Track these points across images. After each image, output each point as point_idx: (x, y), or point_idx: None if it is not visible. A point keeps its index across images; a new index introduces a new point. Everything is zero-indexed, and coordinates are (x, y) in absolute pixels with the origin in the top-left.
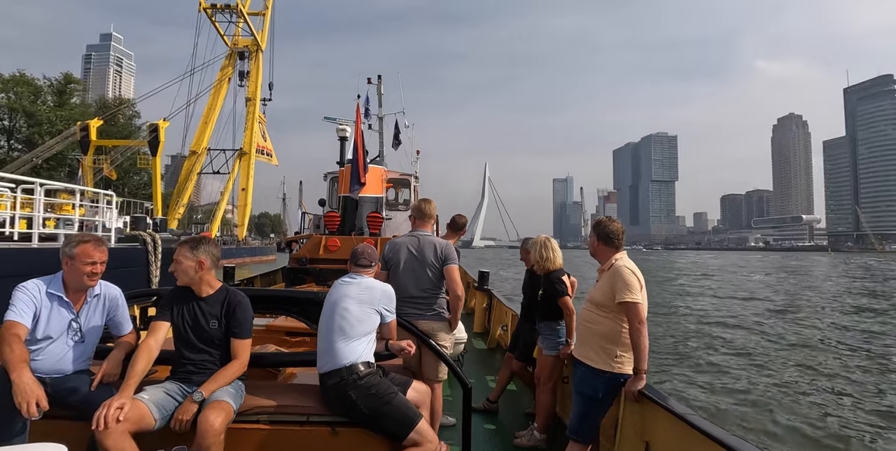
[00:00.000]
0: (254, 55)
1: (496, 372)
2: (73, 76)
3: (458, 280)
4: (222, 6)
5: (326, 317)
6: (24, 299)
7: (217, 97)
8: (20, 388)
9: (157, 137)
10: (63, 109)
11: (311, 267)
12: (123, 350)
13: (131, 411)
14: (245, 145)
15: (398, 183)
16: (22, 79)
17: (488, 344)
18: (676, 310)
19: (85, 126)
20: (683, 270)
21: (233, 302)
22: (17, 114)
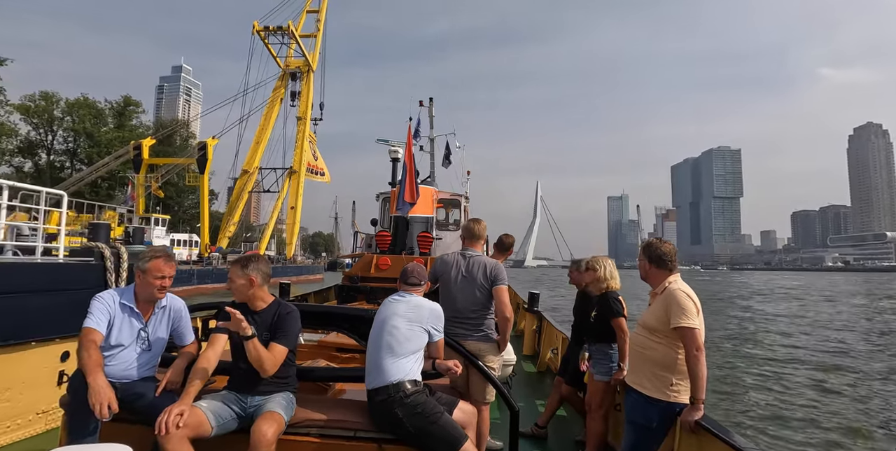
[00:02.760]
0: (305, 75)
1: (545, 396)
2: (132, 99)
3: (507, 301)
4: (275, 28)
5: (375, 334)
6: (100, 308)
7: (269, 117)
8: (95, 390)
9: (205, 155)
10: (122, 131)
11: (363, 285)
12: (186, 360)
13: (190, 417)
14: (295, 164)
15: (448, 203)
16: (84, 102)
17: (538, 367)
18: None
19: (138, 145)
20: (758, 291)
21: (282, 313)
22: (80, 135)
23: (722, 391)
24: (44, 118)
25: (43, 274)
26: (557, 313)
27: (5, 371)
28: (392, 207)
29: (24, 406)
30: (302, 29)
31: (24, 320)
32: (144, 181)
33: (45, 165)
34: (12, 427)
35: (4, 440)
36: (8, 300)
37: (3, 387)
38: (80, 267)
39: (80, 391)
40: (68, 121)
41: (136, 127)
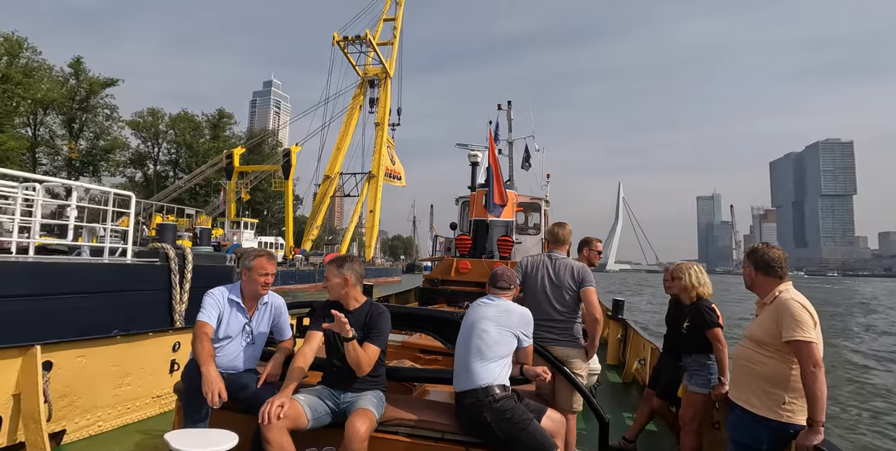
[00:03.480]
0: (382, 82)
1: (632, 409)
2: (225, 111)
3: (597, 303)
4: (353, 38)
5: (464, 337)
6: (211, 303)
7: (349, 124)
8: (207, 380)
9: (289, 161)
10: (217, 141)
11: (443, 288)
12: (283, 354)
13: (290, 410)
14: (373, 169)
15: (528, 207)
16: (185, 116)
17: (623, 378)
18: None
19: (230, 154)
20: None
21: (374, 313)
22: (181, 147)
23: (844, 413)
24: (151, 132)
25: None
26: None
27: (127, 358)
28: (472, 211)
29: (141, 391)
30: (379, 37)
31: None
32: (235, 187)
33: (153, 175)
34: (132, 408)
35: (126, 420)
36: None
37: (124, 372)
38: (147, 268)
39: (195, 379)
40: (171, 134)
41: (229, 137)
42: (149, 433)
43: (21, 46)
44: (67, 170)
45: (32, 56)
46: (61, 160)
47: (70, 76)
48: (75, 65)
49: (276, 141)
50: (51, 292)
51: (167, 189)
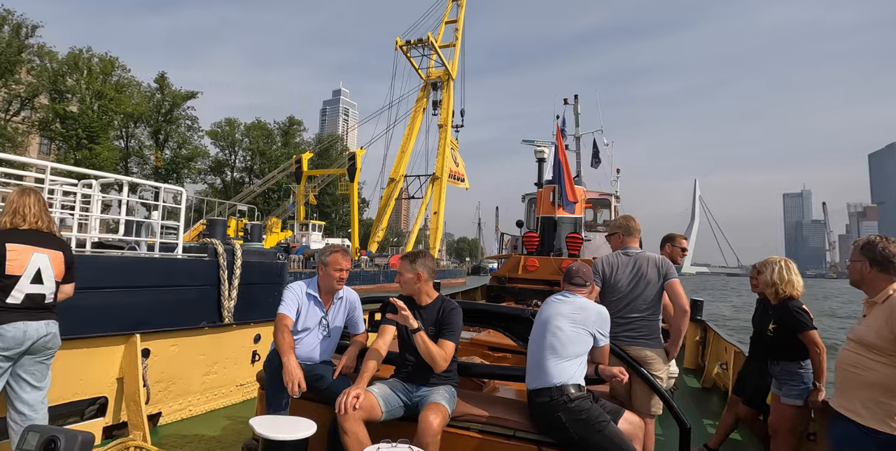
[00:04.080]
0: (445, 84)
1: (713, 416)
2: (295, 118)
3: (683, 294)
4: (415, 41)
5: (537, 334)
6: (291, 296)
7: (413, 127)
8: (288, 370)
9: (354, 164)
10: (287, 148)
11: (511, 286)
12: (357, 347)
13: (365, 401)
14: (437, 170)
15: (597, 203)
16: (258, 125)
17: (702, 383)
18: None
19: (299, 159)
20: None
21: (447, 309)
22: (255, 154)
23: None
24: (228, 141)
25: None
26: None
27: (215, 348)
28: (539, 208)
29: (226, 379)
30: (441, 40)
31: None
32: (304, 191)
33: (230, 181)
34: (218, 395)
35: (213, 406)
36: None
37: (211, 361)
38: (195, 263)
39: (277, 369)
40: (246, 142)
41: (299, 144)
42: (233, 418)
43: (113, 65)
44: (154, 177)
45: (122, 73)
46: (149, 169)
47: (156, 91)
48: (160, 80)
49: (343, 146)
50: (96, 286)
51: (241, 194)
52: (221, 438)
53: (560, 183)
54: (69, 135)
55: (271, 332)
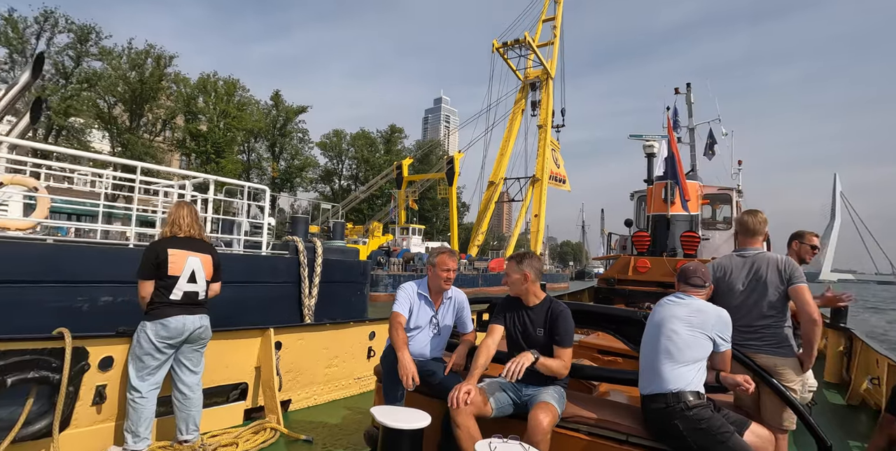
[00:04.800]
0: (544, 84)
1: (860, 437)
2: (396, 126)
3: (811, 301)
4: (512, 43)
5: (650, 337)
6: (403, 296)
7: (511, 129)
8: (403, 365)
9: (453, 168)
10: (389, 155)
11: (620, 288)
12: (467, 346)
13: (475, 397)
14: (538, 172)
15: (716, 199)
16: (362, 134)
17: (847, 400)
18: None
19: (399, 165)
20: None
21: (556, 312)
22: (361, 162)
23: None
24: (335, 151)
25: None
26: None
27: (335, 343)
28: (649, 206)
29: (345, 372)
30: (539, 39)
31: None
32: (404, 196)
33: (338, 189)
34: (338, 387)
35: (333, 396)
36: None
37: (332, 355)
38: (276, 260)
39: (392, 364)
40: (351, 151)
41: (401, 151)
42: (352, 409)
43: (235, 87)
44: (271, 187)
45: (242, 93)
46: (267, 179)
47: (272, 107)
48: (275, 97)
49: (443, 151)
50: None
51: (345, 200)
52: (343, 426)
53: (674, 178)
54: (200, 151)
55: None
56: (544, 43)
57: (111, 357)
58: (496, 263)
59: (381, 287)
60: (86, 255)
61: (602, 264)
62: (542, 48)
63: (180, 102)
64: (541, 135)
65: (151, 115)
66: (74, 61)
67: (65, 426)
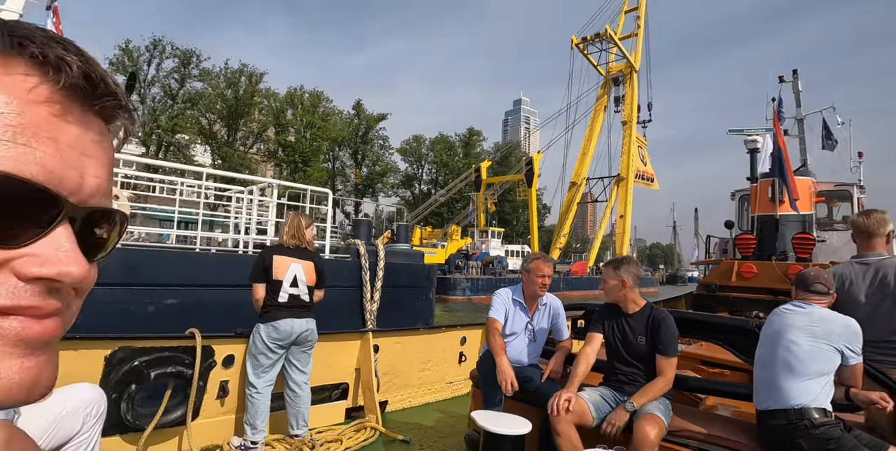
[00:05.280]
0: (628, 78)
1: None
2: (474, 129)
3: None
4: (592, 37)
5: (767, 349)
6: (499, 302)
7: (594, 127)
8: (501, 370)
9: (532, 169)
10: (468, 158)
11: (722, 295)
12: (563, 353)
13: (576, 405)
14: (622, 171)
15: (832, 196)
16: (441, 139)
17: None
18: None
19: (478, 168)
20: None
21: (657, 319)
22: (440, 166)
23: None
24: (415, 156)
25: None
26: None
27: (428, 348)
28: (754, 206)
29: (438, 376)
30: (621, 31)
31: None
32: (483, 199)
33: (418, 194)
34: (431, 390)
35: (427, 399)
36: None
37: (426, 359)
38: (337, 264)
39: (490, 369)
40: (431, 156)
41: (479, 153)
42: (445, 412)
43: (320, 98)
44: (354, 193)
45: (326, 104)
46: (350, 186)
47: (354, 116)
48: (357, 106)
49: (522, 153)
50: (237, 284)
51: (424, 204)
52: (437, 428)
53: (781, 176)
54: (289, 161)
55: (477, 335)
56: (627, 35)
57: (233, 356)
58: (578, 266)
59: (458, 291)
60: (203, 261)
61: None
62: (624, 41)
63: (270, 115)
64: (625, 131)
65: (246, 128)
66: (179, 83)
67: (195, 416)
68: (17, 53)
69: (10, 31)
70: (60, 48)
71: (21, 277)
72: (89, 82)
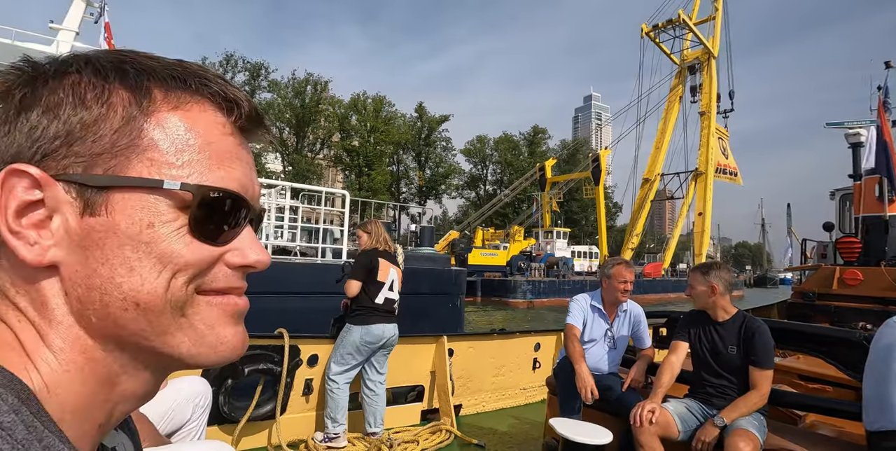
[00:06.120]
0: (705, 65)
1: None
2: (539, 127)
3: None
4: (664, 24)
5: (878, 364)
6: (576, 308)
7: (668, 120)
8: (581, 377)
9: (599, 166)
10: (533, 157)
11: (822, 304)
12: (645, 362)
13: (660, 417)
14: (700, 165)
15: None
16: (505, 138)
17: None
18: None
19: (542, 166)
20: None
21: (751, 328)
22: (505, 166)
23: None
24: (480, 157)
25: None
26: None
27: (501, 353)
28: (858, 206)
29: (512, 382)
30: (696, 16)
31: None
32: (548, 198)
33: (483, 194)
34: (505, 396)
35: (500, 405)
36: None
37: (500, 364)
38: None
39: (569, 376)
40: (495, 156)
41: (545, 152)
42: (519, 418)
43: (382, 103)
44: (419, 196)
45: (388, 108)
46: (414, 188)
47: (416, 119)
48: (419, 109)
49: (589, 150)
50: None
51: (487, 205)
52: (512, 434)
53: (889, 172)
54: (353, 165)
55: (551, 341)
56: (703, 19)
57: (317, 355)
58: (651, 267)
59: (518, 294)
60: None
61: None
62: (699, 26)
63: (335, 121)
64: (703, 123)
65: (313, 135)
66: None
67: (283, 411)
68: (202, 93)
69: (193, 74)
70: (230, 86)
71: (230, 265)
72: (252, 114)
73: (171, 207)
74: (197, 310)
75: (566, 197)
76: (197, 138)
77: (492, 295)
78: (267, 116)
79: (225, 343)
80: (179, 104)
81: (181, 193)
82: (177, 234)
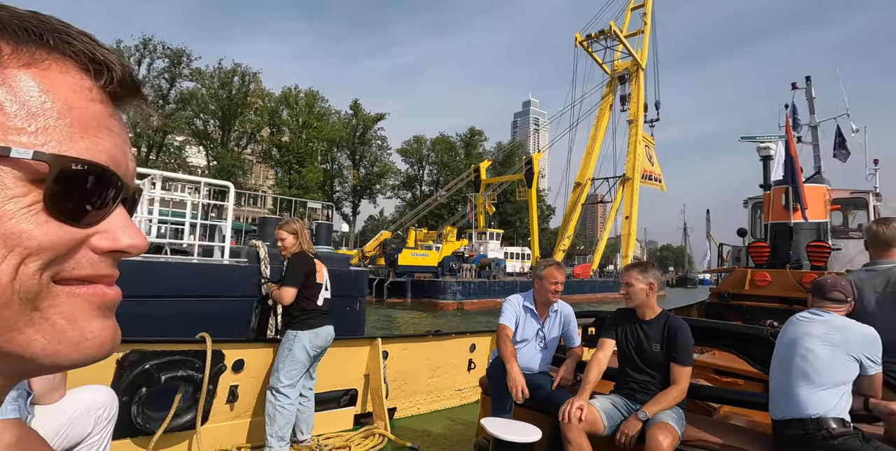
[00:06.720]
0: (634, 76)
1: None
2: (475, 129)
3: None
4: (596, 34)
5: (783, 358)
6: (509, 308)
7: (599, 127)
8: (512, 376)
9: (531, 169)
10: (469, 158)
11: (736, 303)
12: (574, 360)
13: (588, 413)
14: (628, 171)
15: (848, 204)
16: (442, 139)
17: None
18: None
19: (476, 168)
20: None
21: (674, 328)
22: (441, 167)
23: None
24: (416, 157)
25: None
26: None
27: (437, 354)
28: (767, 214)
29: (447, 383)
30: (627, 29)
31: None
32: (482, 199)
33: (419, 195)
34: (440, 398)
35: (435, 407)
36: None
37: (435, 366)
38: (233, 270)
39: (501, 376)
40: (432, 156)
41: (481, 154)
42: (454, 419)
43: (315, 98)
44: (353, 195)
45: (321, 104)
46: (348, 187)
47: (352, 117)
48: (354, 106)
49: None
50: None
51: (421, 205)
52: (446, 435)
53: (794, 183)
54: (283, 161)
55: (486, 342)
56: (633, 32)
57: (242, 360)
58: (581, 269)
59: (448, 295)
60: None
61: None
62: (630, 39)
63: (265, 115)
64: (631, 131)
65: (240, 129)
66: (169, 83)
67: (205, 420)
68: (64, 52)
69: (52, 29)
70: (100, 46)
71: (97, 250)
72: (125, 80)
73: (19, 181)
74: (55, 302)
75: (501, 199)
76: (55, 102)
77: (422, 296)
78: (143, 83)
79: (91, 339)
80: (33, 62)
81: (34, 163)
82: (27, 211)
